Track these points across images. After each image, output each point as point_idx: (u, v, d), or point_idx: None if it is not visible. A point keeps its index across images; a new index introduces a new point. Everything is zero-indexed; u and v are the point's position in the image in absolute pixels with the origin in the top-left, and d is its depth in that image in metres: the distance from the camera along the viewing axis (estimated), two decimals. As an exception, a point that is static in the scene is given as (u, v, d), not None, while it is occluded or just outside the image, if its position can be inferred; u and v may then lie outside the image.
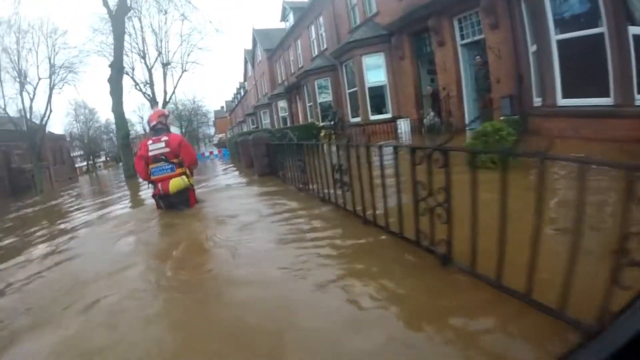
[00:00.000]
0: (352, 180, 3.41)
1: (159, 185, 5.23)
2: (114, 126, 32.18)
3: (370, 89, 14.37)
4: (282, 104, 26.89)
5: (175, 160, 5.22)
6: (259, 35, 32.46)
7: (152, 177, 5.27)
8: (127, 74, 27.59)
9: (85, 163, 59.54)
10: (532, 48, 8.43)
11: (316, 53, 20.86)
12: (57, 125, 74.49)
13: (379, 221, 3.03)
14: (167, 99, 28.96)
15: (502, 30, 9.43)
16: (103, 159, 68.46)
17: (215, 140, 50.74)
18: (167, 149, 5.18)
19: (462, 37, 10.89)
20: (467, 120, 10.91)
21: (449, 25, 10.87)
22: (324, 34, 19.76)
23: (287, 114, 26.42)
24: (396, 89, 13.64)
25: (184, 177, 5.28)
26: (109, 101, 15.67)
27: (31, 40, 28.58)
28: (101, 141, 64.30)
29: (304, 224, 3.79)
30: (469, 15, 10.53)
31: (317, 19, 20.06)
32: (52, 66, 29.42)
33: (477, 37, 10.49)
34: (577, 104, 7.03)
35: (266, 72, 31.66)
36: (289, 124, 24.31)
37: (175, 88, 29.48)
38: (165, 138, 5.26)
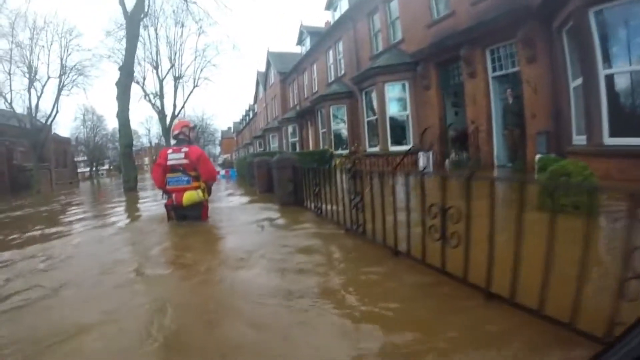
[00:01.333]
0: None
1: (174, 195, 5.35)
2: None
3: (392, 118, 14.00)
4: (292, 128, 26.69)
5: (192, 173, 5.32)
6: (274, 58, 32.75)
7: (168, 187, 5.37)
8: (137, 83, 27.75)
9: (88, 169, 59.30)
10: (574, 83, 8.13)
11: (332, 78, 20.76)
12: (64, 128, 74.61)
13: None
14: (176, 113, 28.89)
15: (539, 63, 9.16)
16: (107, 167, 68.44)
17: (221, 160, 50.73)
18: (186, 161, 5.28)
19: (494, 70, 10.57)
20: (495, 157, 10.49)
21: (481, 56, 10.61)
22: (342, 60, 19.66)
23: (297, 139, 26.16)
24: (418, 120, 13.26)
25: (199, 191, 5.38)
26: (116, 108, 15.19)
27: (45, 37, 28.76)
28: (106, 149, 64.37)
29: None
30: (503, 47, 10.29)
31: (336, 44, 20.01)
32: (63, 66, 29.60)
33: (510, 70, 10.22)
34: (626, 144, 6.63)
35: (278, 95, 31.73)
36: (298, 150, 24.05)
37: (185, 102, 29.48)
38: (185, 149, 5.34)
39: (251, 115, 51.59)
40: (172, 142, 5.84)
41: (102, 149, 62.34)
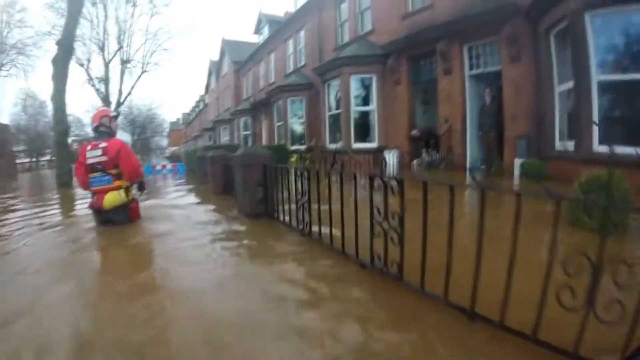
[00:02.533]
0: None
1: (95, 198, 4.91)
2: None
3: (356, 113, 13.26)
4: (245, 121, 25.53)
5: (113, 171, 4.85)
6: (229, 46, 31.52)
7: (92, 188, 4.94)
8: (81, 65, 25.48)
9: (28, 160, 54.37)
10: (560, 87, 7.99)
11: (291, 69, 19.99)
12: (3, 114, 68.23)
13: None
14: (122, 100, 26.93)
15: (523, 63, 8.88)
16: (48, 157, 63.25)
17: (168, 152, 48.68)
18: (105, 158, 4.80)
19: (471, 67, 10.20)
20: (468, 159, 10.05)
21: (459, 52, 10.24)
22: (303, 50, 18.90)
23: (249, 132, 25.06)
24: (386, 116, 12.72)
25: (121, 191, 4.90)
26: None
27: None
28: (48, 138, 59.41)
29: None
30: (482, 45, 9.95)
31: (297, 33, 19.19)
32: (2, 44, 26.60)
33: (489, 69, 9.91)
34: (616, 152, 6.41)
35: (231, 85, 30.53)
36: (250, 144, 22.98)
37: (132, 88, 27.55)
38: (103, 144, 4.85)
39: (201, 106, 50.01)
40: (94, 135, 5.20)
41: (44, 137, 57.40)
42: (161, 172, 18.36)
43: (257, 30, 27.21)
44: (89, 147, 4.90)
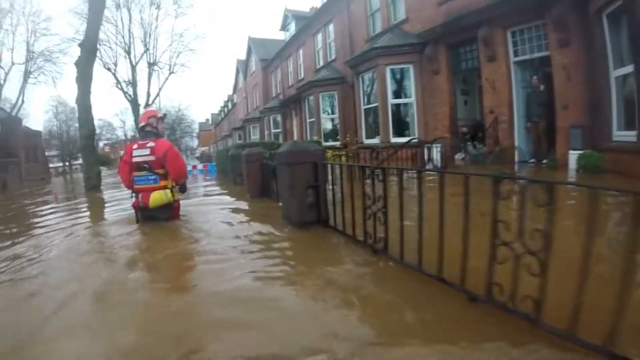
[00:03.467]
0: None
1: (140, 196, 4.93)
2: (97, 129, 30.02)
3: (394, 106, 13.00)
4: (275, 118, 25.61)
5: (160, 171, 4.90)
6: (255, 45, 31.73)
7: (135, 186, 4.98)
8: (108, 69, 26.05)
9: (61, 164, 56.64)
10: (617, 72, 7.53)
11: (321, 64, 19.83)
12: (36, 121, 70.79)
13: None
14: (150, 102, 27.41)
15: (574, 48, 8.47)
16: (80, 161, 65.57)
17: (198, 153, 49.35)
18: (152, 157, 4.86)
19: (516, 54, 9.79)
20: (516, 152, 9.64)
21: (502, 37, 9.82)
22: (332, 43, 18.71)
23: (280, 130, 25.14)
24: (425, 108, 12.40)
25: (167, 191, 4.94)
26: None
27: (10, 19, 26.60)
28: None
29: None
30: (528, 29, 9.55)
31: (326, 26, 19.00)
32: (29, 52, 27.53)
33: (536, 54, 9.49)
34: None
35: (260, 83, 30.70)
36: (281, 141, 22.95)
37: (160, 90, 28.00)
38: (151, 144, 4.91)
39: (230, 106, 50.74)
40: (140, 135, 5.38)
41: (75, 142, 59.70)
42: (192, 172, 18.57)
43: (284, 27, 27.23)
44: (135, 146, 4.97)
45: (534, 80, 9.21)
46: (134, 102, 26.78)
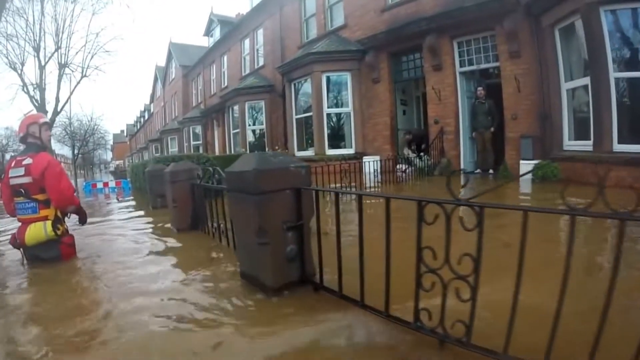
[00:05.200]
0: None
1: (17, 229, 3.93)
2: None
3: (330, 115, 12.44)
4: (195, 129, 24.19)
5: (39, 197, 3.86)
6: (176, 50, 30.38)
7: (17, 217, 3.97)
8: (14, 69, 23.13)
9: None
10: (568, 84, 7.88)
11: (248, 71, 19.10)
12: None
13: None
14: (59, 108, 24.66)
15: (525, 60, 8.66)
16: None
17: (112, 167, 45.91)
18: (28, 179, 3.81)
19: (462, 64, 9.83)
20: (461, 163, 9.50)
21: (449, 47, 9.77)
22: (261, 49, 18.00)
23: (200, 142, 23.79)
24: (363, 118, 12.00)
25: (47, 223, 3.86)
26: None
27: None
28: None
29: None
30: (476, 39, 9.66)
31: (255, 31, 18.32)
32: None
33: (484, 65, 9.65)
34: (636, 150, 6.41)
35: (179, 91, 29.33)
36: (209, 154, 21.65)
37: (71, 94, 25.32)
38: (27, 161, 3.83)
39: (147, 117, 48.41)
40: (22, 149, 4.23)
41: None
42: (102, 191, 16.55)
43: (208, 32, 26.17)
44: (12, 164, 3.93)
45: (479, 92, 9.25)
46: (41, 108, 23.94)
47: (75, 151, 36.94)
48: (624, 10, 6.72)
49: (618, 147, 6.72)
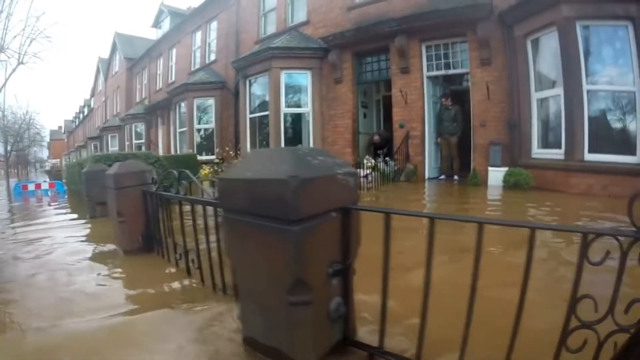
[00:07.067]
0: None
1: None
2: None
3: (288, 115, 12.05)
4: (138, 127, 23.19)
5: None
6: (122, 41, 29.08)
7: None
8: None
9: None
10: (539, 94, 8.13)
11: (198, 66, 18.39)
12: None
13: None
14: None
15: (495, 67, 8.83)
16: None
17: (48, 166, 43.30)
18: None
19: (429, 68, 9.87)
20: (426, 168, 9.43)
21: (417, 50, 9.79)
22: (214, 43, 17.39)
23: (143, 140, 22.90)
24: (323, 120, 11.77)
25: None
26: None
27: None
28: None
29: None
30: (444, 45, 9.74)
31: (208, 23, 17.73)
32: None
33: (452, 71, 9.74)
34: (605, 160, 6.88)
35: (122, 85, 28.00)
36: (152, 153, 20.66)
37: (5, 82, 23.47)
38: None
39: (86, 112, 45.95)
40: None
41: None
42: (35, 193, 15.21)
43: (157, 24, 25.21)
44: None
45: (446, 96, 9.44)
46: None
47: (8, 147, 34.43)
48: (598, 26, 7.06)
49: (589, 157, 7.02)
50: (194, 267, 3.04)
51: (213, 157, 14.95)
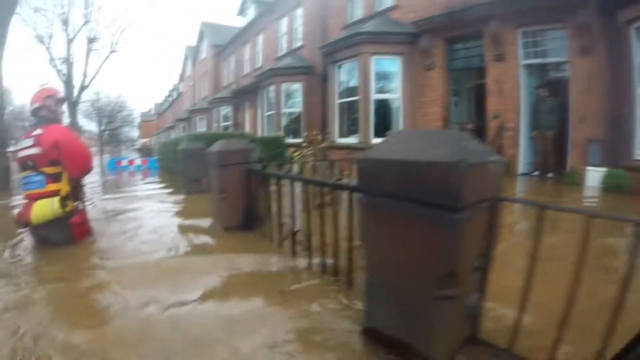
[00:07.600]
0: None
1: (22, 206, 3.78)
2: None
3: (378, 101, 12.28)
4: (225, 110, 24.43)
5: (48, 170, 3.71)
6: (208, 30, 30.86)
7: (25, 192, 3.85)
8: (41, 42, 23.64)
9: None
10: None
11: (285, 51, 18.99)
12: None
13: None
14: (87, 84, 25.05)
15: (596, 57, 8.31)
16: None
17: (138, 144, 47.05)
18: (36, 150, 3.68)
19: (526, 56, 9.57)
20: (520, 163, 9.25)
21: (513, 36, 9.53)
22: (300, 28, 17.78)
23: (230, 122, 24.06)
24: (413, 107, 11.85)
25: (54, 200, 3.68)
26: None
27: None
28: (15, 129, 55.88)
29: None
30: (542, 31, 9.33)
31: (293, 10, 18.23)
32: None
33: (550, 59, 9.37)
34: None
35: (210, 71, 29.55)
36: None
37: (99, 68, 25.74)
38: (38, 131, 3.75)
39: (175, 96, 49.55)
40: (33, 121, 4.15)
41: (9, 129, 53.71)
42: (127, 168, 16.69)
43: (242, 12, 26.32)
44: (23, 137, 3.91)
45: (542, 87, 9.16)
46: (67, 83, 24.32)
47: (102, 127, 37.52)
48: None
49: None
50: (301, 248, 3.23)
51: (299, 140, 15.51)
